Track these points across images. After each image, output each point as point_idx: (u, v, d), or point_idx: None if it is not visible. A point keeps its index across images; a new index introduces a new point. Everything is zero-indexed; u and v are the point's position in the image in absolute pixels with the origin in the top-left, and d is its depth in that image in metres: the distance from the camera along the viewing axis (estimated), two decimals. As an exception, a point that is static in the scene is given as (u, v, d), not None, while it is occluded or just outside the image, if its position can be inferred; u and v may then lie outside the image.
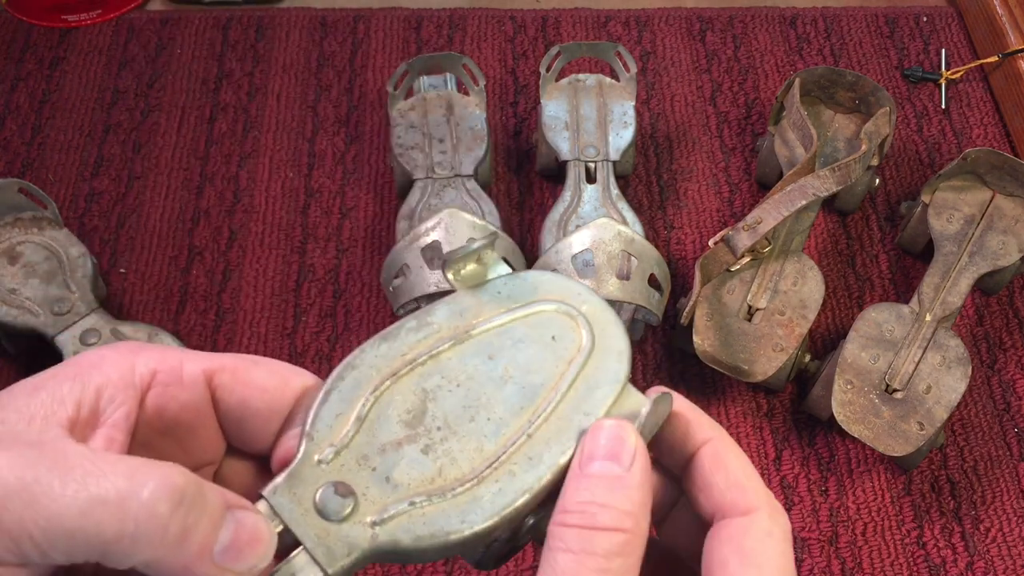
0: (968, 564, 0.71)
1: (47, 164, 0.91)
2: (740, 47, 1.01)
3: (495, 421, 0.28)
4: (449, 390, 0.28)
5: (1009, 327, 0.82)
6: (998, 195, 0.81)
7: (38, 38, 1.01)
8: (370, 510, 0.26)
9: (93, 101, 0.96)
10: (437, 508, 0.27)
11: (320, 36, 1.01)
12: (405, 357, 0.29)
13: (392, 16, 1.03)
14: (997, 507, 0.73)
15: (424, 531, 0.26)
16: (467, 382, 0.29)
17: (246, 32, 1.01)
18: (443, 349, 0.29)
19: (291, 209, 0.89)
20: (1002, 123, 0.95)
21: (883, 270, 0.85)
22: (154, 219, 0.88)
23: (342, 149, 0.93)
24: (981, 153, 0.79)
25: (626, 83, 0.87)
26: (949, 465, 0.75)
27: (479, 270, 0.31)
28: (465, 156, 0.84)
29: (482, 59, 0.99)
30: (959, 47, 1.01)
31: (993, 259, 0.77)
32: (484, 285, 0.31)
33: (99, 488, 0.22)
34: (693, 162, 0.92)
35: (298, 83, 0.97)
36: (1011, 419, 0.77)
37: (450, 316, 0.30)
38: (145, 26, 1.02)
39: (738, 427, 0.77)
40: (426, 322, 0.29)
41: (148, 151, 0.93)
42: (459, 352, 0.29)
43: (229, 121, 0.95)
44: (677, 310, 0.78)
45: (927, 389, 0.70)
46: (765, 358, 0.73)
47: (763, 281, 0.76)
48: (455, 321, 0.30)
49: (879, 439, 0.68)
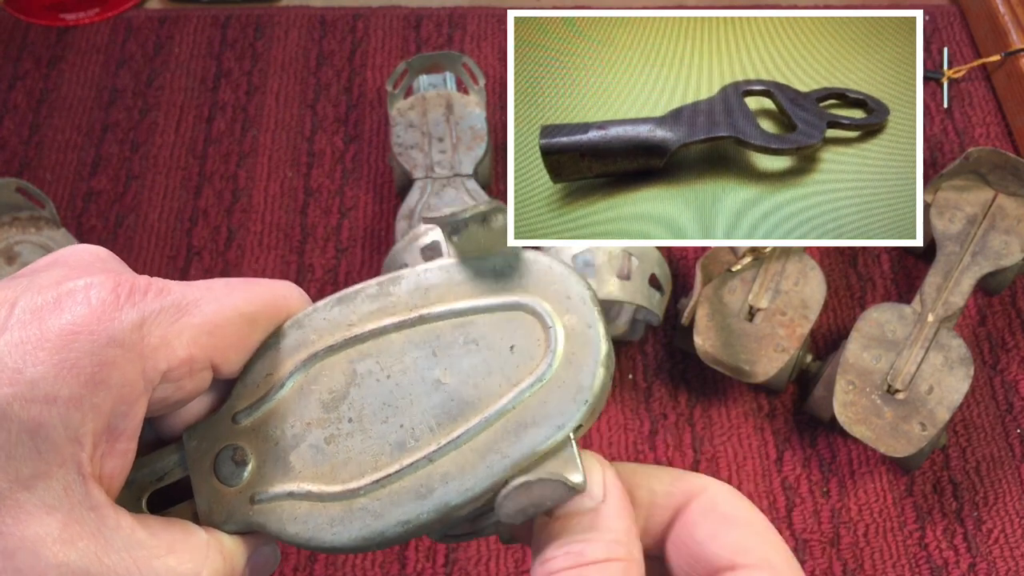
0: (970, 565, 0.70)
1: (45, 163, 0.91)
2: (741, 46, 1.00)
3: (406, 431, 0.25)
4: (378, 379, 0.26)
5: (1012, 327, 0.81)
6: (1001, 195, 0.80)
7: (36, 37, 1.00)
8: (256, 485, 0.26)
9: (91, 100, 0.96)
10: (313, 508, 0.25)
11: (319, 35, 1.01)
12: (351, 328, 0.26)
13: (391, 15, 1.03)
14: (999, 508, 0.73)
15: (292, 527, 0.25)
16: (399, 375, 0.26)
17: (244, 31, 1.01)
18: (390, 329, 0.26)
19: (290, 209, 0.88)
20: (1004, 122, 0.94)
21: (885, 270, 0.85)
22: (152, 219, 0.87)
23: (341, 148, 0.92)
24: (983, 152, 0.79)
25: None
26: (951, 466, 0.75)
27: (482, 239, 0.26)
28: (465, 155, 0.84)
29: (482, 58, 0.99)
30: (961, 46, 1.00)
31: (995, 259, 0.77)
32: (475, 260, 0.27)
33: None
34: (694, 161, 0.92)
35: (297, 82, 0.97)
36: (1014, 420, 0.77)
37: (414, 290, 0.26)
38: (143, 25, 1.01)
39: (739, 428, 0.76)
40: (387, 291, 0.27)
41: (146, 150, 0.92)
42: (404, 337, 0.26)
43: (227, 120, 0.94)
44: (678, 310, 0.78)
45: (929, 390, 0.70)
46: (766, 358, 0.72)
47: (764, 281, 0.76)
48: (416, 298, 0.26)
49: (881, 440, 0.68)
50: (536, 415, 0.24)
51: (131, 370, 0.23)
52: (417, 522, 0.24)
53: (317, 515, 0.25)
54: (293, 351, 0.27)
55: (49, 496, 0.22)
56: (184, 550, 0.24)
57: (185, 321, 0.24)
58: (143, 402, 0.24)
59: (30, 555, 0.21)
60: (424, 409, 0.25)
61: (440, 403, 0.25)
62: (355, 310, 0.27)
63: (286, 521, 0.25)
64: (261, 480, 0.26)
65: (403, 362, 0.26)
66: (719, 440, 0.76)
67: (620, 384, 0.78)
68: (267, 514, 0.26)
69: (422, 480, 0.25)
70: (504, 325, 0.26)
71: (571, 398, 0.24)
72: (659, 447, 0.75)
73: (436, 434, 0.25)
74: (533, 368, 0.25)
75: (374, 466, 0.25)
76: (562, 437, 0.24)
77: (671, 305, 0.80)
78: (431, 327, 0.26)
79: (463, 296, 0.26)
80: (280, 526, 0.25)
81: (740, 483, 0.74)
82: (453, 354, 0.26)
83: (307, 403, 0.26)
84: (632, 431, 0.76)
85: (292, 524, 0.25)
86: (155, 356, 0.24)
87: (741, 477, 0.74)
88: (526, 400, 0.24)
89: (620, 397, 0.77)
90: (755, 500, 0.73)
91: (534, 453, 0.24)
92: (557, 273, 0.26)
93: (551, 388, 0.24)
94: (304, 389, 0.26)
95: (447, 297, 0.26)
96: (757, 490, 0.73)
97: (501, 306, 0.26)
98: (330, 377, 0.26)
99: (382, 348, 0.26)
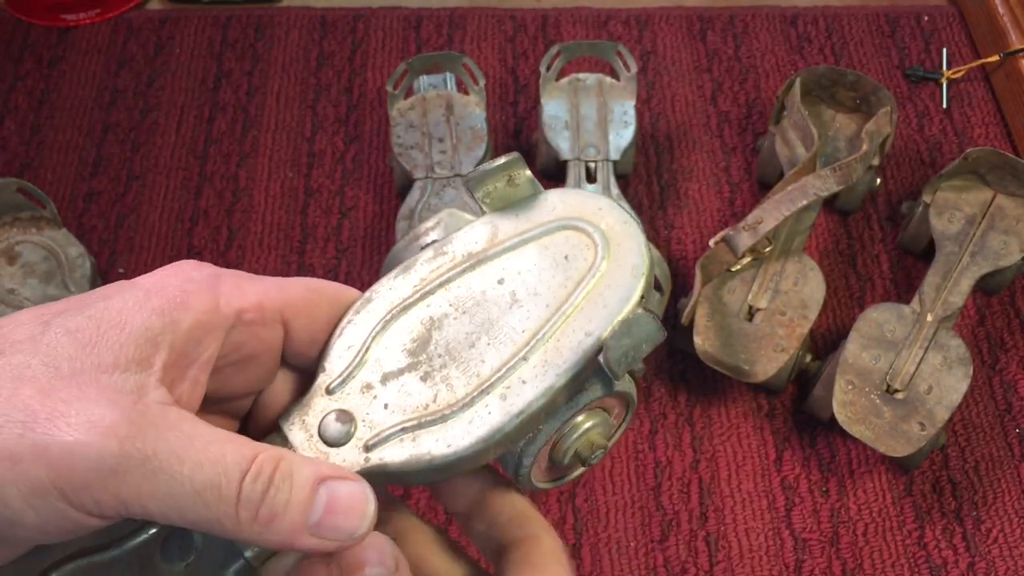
0: (969, 565, 0.70)
1: (46, 164, 0.91)
2: (741, 46, 1.00)
3: (495, 345, 0.28)
4: (455, 317, 0.29)
5: (1010, 327, 0.81)
6: (999, 195, 0.81)
7: (37, 37, 1.01)
8: (366, 435, 0.28)
9: (92, 100, 0.96)
10: (426, 432, 0.27)
11: (319, 35, 1.01)
12: (417, 287, 0.29)
13: (392, 15, 1.03)
14: (998, 507, 0.73)
15: (410, 454, 0.27)
16: (473, 308, 0.29)
17: (245, 31, 1.01)
18: (454, 276, 0.29)
19: (290, 209, 0.88)
20: (1003, 122, 0.95)
21: (884, 270, 0.85)
22: (153, 219, 0.88)
23: (341, 149, 0.93)
24: (982, 153, 0.79)
25: (626, 82, 0.87)
26: (950, 466, 0.75)
27: (508, 191, 0.30)
28: (465, 156, 0.84)
29: (482, 58, 0.99)
30: (960, 46, 1.01)
31: (994, 259, 0.77)
32: (508, 208, 0.30)
33: (213, 471, 0.23)
34: (693, 162, 0.92)
35: (297, 82, 0.97)
36: (1012, 419, 0.77)
37: (466, 243, 0.30)
38: (144, 25, 1.02)
39: (739, 427, 0.76)
40: (442, 251, 0.30)
41: (147, 151, 0.92)
42: (469, 278, 0.29)
43: (228, 120, 0.94)
44: (678, 310, 0.78)
45: (928, 389, 0.70)
46: (766, 358, 0.72)
47: (764, 281, 0.76)
48: (470, 248, 0.30)
49: (880, 440, 0.68)
50: (605, 297, 0.28)
51: (208, 299, 0.26)
52: (528, 410, 0.27)
53: (432, 435, 0.27)
54: (369, 320, 0.29)
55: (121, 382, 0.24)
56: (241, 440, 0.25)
57: (255, 280, 0.28)
58: (218, 336, 0.26)
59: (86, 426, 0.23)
60: (505, 323, 0.28)
61: (519, 315, 0.28)
62: (417, 273, 0.29)
63: (404, 451, 0.27)
64: (369, 431, 0.28)
65: (473, 297, 0.29)
66: (718, 440, 0.76)
67: (620, 384, 0.78)
68: (383, 454, 0.27)
69: (522, 374, 0.27)
70: (553, 243, 0.29)
71: (629, 275, 0.28)
72: (659, 447, 0.75)
73: (524, 336, 0.28)
74: (589, 265, 0.29)
75: (476, 379, 0.28)
76: (631, 306, 0.28)
77: (671, 305, 0.80)
78: (490, 264, 0.29)
79: (509, 235, 0.30)
80: (399, 458, 0.27)
81: (740, 482, 0.74)
82: (517, 277, 0.29)
83: (395, 356, 0.29)
84: (632, 431, 0.76)
85: (410, 450, 0.27)
86: (229, 296, 0.27)
87: (740, 477, 0.74)
88: (591, 288, 0.28)
89: (620, 397, 0.78)
90: (754, 499, 0.73)
91: (613, 324, 0.27)
92: (582, 195, 0.30)
93: (610, 274, 0.28)
94: (389, 346, 0.29)
95: (496, 238, 0.30)
96: (756, 489, 0.73)
97: (545, 231, 0.30)
98: (410, 329, 0.29)
99: (450, 294, 0.29)
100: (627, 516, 0.72)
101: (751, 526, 0.72)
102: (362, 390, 0.28)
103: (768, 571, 0.70)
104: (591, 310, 0.28)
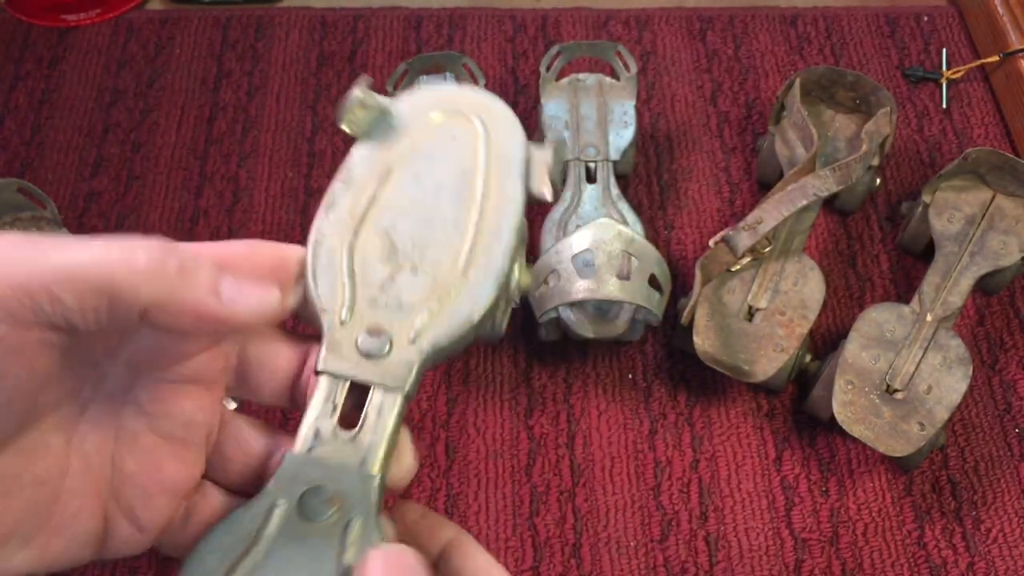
0: (969, 564, 0.70)
1: (46, 164, 0.91)
2: (741, 47, 1.01)
3: (451, 220, 0.31)
4: (402, 219, 0.32)
5: (1010, 327, 0.82)
6: (999, 195, 0.81)
7: (37, 37, 1.01)
8: (403, 333, 0.30)
9: (92, 101, 0.96)
10: (451, 303, 0.30)
11: (320, 35, 1.01)
12: (353, 212, 0.32)
13: (392, 15, 1.03)
14: (998, 507, 0.73)
15: (452, 325, 0.30)
16: (411, 206, 0.32)
17: (245, 31, 1.01)
18: (377, 191, 0.32)
19: (290, 209, 0.88)
20: (1003, 123, 0.95)
21: (884, 270, 0.85)
22: (153, 219, 0.88)
23: (342, 149, 0.93)
24: (982, 153, 0.79)
25: (626, 83, 0.87)
26: (950, 465, 0.75)
27: (367, 114, 0.33)
28: (465, 156, 0.84)
29: (482, 58, 0.99)
30: (960, 46, 1.01)
31: (994, 259, 0.77)
32: (378, 125, 0.33)
33: (106, 245, 0.25)
34: (693, 162, 0.92)
35: (297, 83, 0.97)
36: (1012, 419, 0.77)
37: (366, 164, 0.32)
38: (144, 25, 1.02)
39: (738, 427, 0.76)
40: (351, 180, 0.32)
41: (147, 151, 0.92)
42: (390, 187, 0.32)
43: (228, 121, 0.94)
44: (677, 310, 0.78)
45: (928, 389, 0.70)
46: (766, 358, 0.72)
47: (764, 281, 0.76)
48: (373, 166, 0.32)
49: (880, 439, 0.68)
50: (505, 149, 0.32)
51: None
52: (510, 245, 0.31)
53: (457, 302, 0.30)
54: (331, 256, 0.31)
55: None
56: None
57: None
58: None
59: None
60: (445, 203, 0.32)
61: (450, 192, 0.32)
62: (343, 203, 0.32)
63: (444, 327, 0.30)
64: (403, 329, 0.30)
65: (407, 197, 0.32)
66: (718, 440, 0.76)
67: (619, 383, 0.79)
68: (429, 338, 0.30)
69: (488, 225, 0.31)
70: (437, 131, 0.33)
71: (510, 128, 0.33)
72: (659, 447, 0.75)
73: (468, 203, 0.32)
74: (475, 133, 0.33)
75: (457, 248, 0.31)
76: (527, 147, 0.33)
77: (670, 305, 0.80)
78: (400, 170, 0.32)
79: (398, 140, 0.33)
80: (444, 333, 0.30)
81: (739, 482, 0.74)
82: (428, 167, 0.32)
83: (375, 269, 0.31)
84: (632, 431, 0.76)
85: (449, 323, 0.30)
86: None
87: (740, 476, 0.74)
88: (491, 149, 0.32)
89: (620, 397, 0.78)
90: (754, 499, 0.73)
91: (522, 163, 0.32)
92: (435, 89, 0.34)
93: (496, 133, 0.33)
94: (364, 264, 0.31)
95: (390, 149, 0.33)
96: (756, 489, 0.74)
97: (425, 126, 0.33)
98: (372, 244, 0.31)
99: (384, 205, 0.32)
100: (627, 516, 0.72)
101: (751, 526, 0.72)
102: (370, 306, 0.31)
103: (768, 571, 0.70)
104: (503, 162, 0.32)
